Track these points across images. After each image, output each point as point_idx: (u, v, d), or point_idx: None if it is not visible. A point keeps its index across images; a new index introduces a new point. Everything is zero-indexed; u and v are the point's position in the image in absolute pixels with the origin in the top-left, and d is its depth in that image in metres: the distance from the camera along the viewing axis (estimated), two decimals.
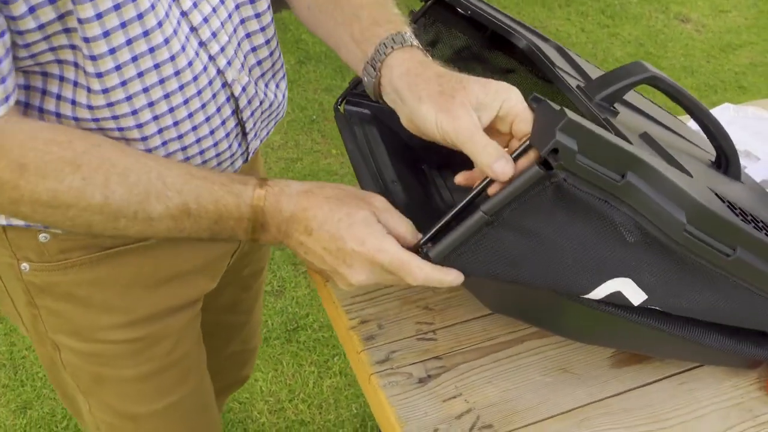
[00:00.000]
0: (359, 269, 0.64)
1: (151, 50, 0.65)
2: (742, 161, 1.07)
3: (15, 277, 0.80)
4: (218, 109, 0.75)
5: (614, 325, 0.70)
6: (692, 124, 1.04)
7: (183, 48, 0.68)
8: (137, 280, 0.83)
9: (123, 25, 0.62)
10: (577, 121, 0.54)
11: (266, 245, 0.69)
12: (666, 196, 0.59)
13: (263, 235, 0.68)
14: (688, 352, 0.77)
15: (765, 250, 0.65)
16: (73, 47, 0.63)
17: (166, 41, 0.66)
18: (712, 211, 0.61)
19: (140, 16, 0.62)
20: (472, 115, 0.61)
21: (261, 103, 0.81)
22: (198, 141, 0.75)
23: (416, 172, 0.86)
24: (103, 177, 0.63)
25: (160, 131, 0.71)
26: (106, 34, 0.61)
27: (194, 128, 0.74)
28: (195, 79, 0.70)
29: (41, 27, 0.60)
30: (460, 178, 0.68)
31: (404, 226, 0.65)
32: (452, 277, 0.62)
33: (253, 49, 0.79)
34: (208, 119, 0.75)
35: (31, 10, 0.58)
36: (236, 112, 0.78)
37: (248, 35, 0.78)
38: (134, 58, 0.64)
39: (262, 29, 0.78)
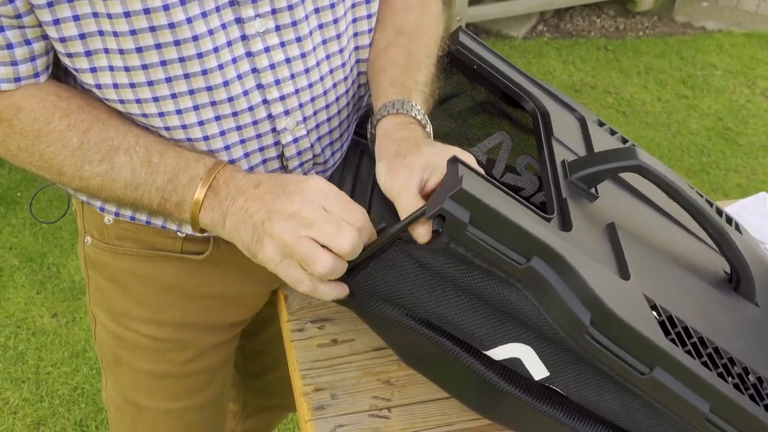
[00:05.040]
0: (298, 196, 0.64)
1: (186, 76, 0.68)
2: None
3: (81, 245, 0.91)
4: (261, 148, 0.77)
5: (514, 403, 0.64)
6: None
7: (225, 83, 0.70)
8: (175, 287, 0.88)
9: (158, 46, 0.66)
10: (472, 193, 0.51)
11: (206, 228, 0.71)
12: (573, 292, 0.52)
13: (210, 201, 0.69)
14: None
15: (693, 380, 0.55)
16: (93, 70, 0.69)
17: (204, 72, 0.69)
18: (621, 319, 0.53)
19: (177, 43, 0.66)
20: (412, 175, 0.64)
21: (314, 157, 0.82)
22: None
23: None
24: (86, 126, 0.70)
25: (189, 139, 0.74)
26: (139, 50, 0.66)
27: (231, 161, 0.76)
28: (235, 114, 0.73)
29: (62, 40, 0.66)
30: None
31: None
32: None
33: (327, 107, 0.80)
34: (247, 155, 0.76)
35: (56, 21, 0.64)
36: (281, 157, 0.79)
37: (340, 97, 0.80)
38: (162, 62, 0.68)
39: (346, 92, 0.81)
